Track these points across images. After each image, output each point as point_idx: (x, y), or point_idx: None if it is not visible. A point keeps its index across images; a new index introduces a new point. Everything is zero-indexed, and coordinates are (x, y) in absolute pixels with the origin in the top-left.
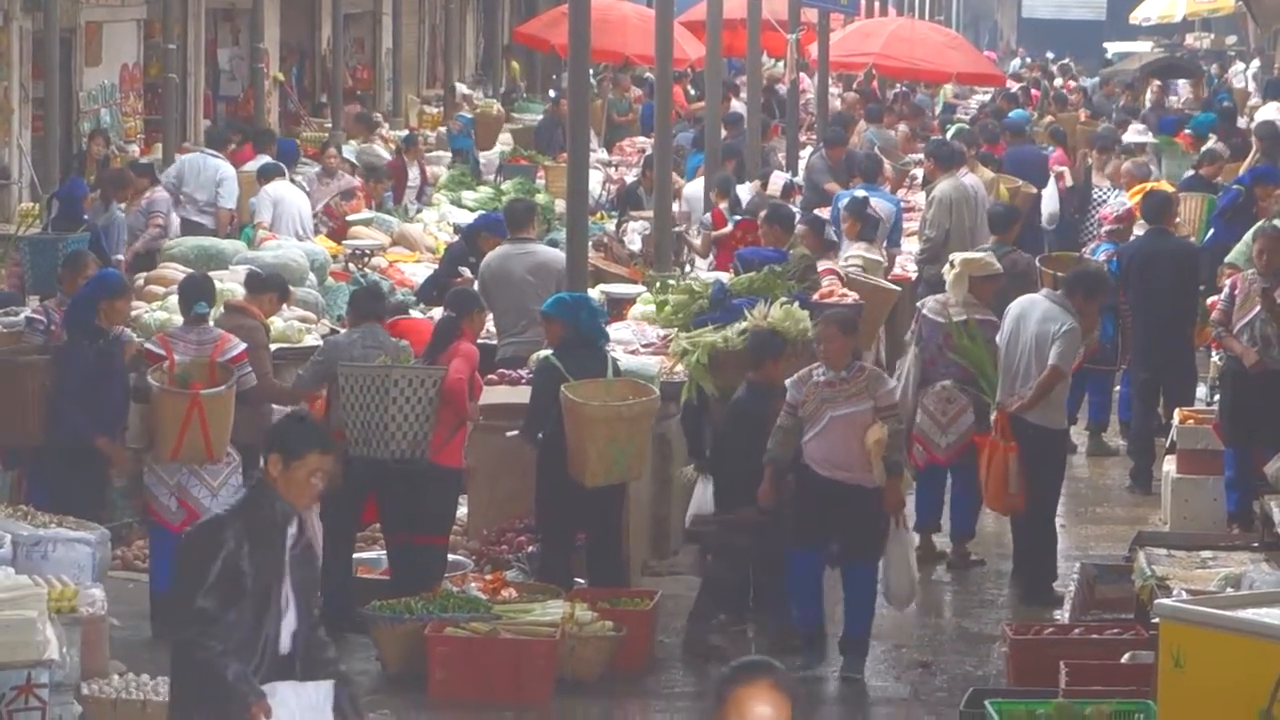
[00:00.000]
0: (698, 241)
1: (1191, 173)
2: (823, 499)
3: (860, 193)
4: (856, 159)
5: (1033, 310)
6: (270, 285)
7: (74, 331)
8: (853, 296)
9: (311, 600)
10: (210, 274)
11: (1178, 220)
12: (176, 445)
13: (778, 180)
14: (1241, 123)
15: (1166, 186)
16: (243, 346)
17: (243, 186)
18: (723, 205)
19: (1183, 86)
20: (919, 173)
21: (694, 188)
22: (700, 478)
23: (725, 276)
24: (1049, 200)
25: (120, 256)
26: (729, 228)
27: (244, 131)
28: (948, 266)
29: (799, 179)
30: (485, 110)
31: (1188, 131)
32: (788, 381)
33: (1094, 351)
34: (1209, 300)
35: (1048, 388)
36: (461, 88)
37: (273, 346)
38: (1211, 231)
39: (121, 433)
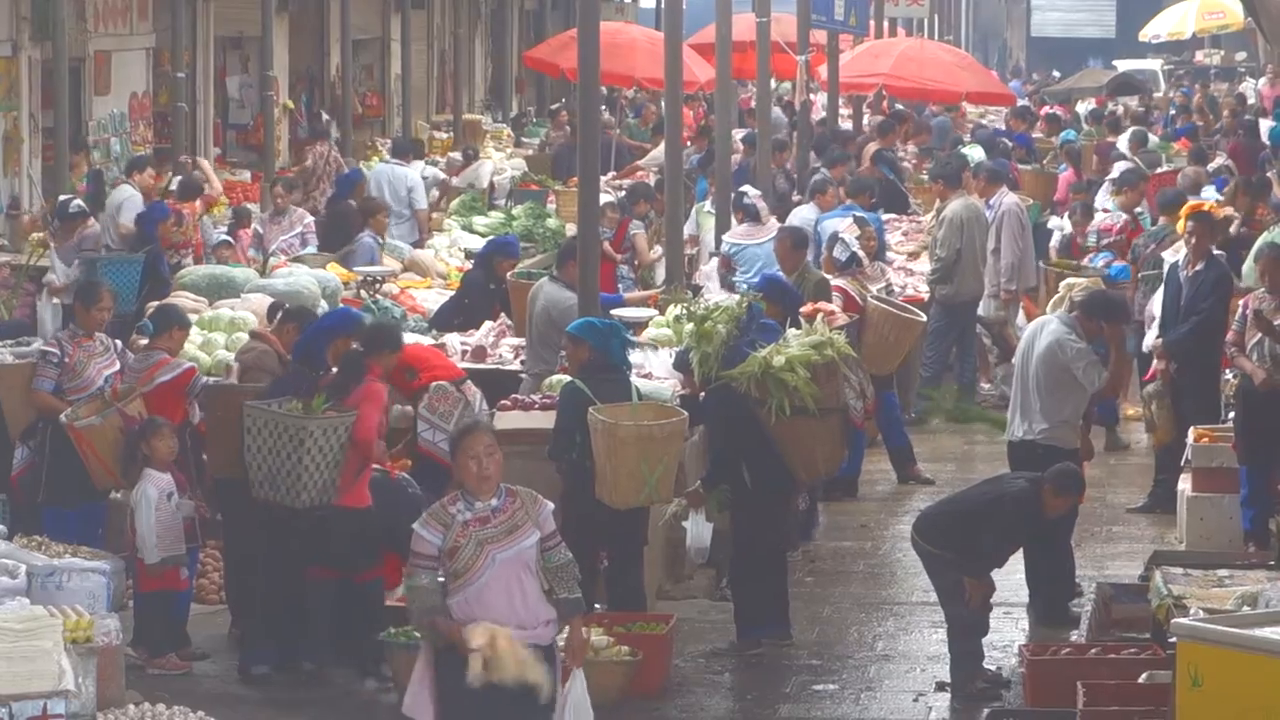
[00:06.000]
0: None
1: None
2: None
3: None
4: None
5: (1042, 331)
6: (290, 317)
7: (304, 364)
8: (843, 318)
9: None
10: (222, 301)
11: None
12: (94, 474)
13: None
14: None
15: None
16: (181, 370)
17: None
18: None
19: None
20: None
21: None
22: (694, 512)
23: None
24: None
25: None
26: None
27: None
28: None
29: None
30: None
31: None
32: (416, 525)
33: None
34: None
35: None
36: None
37: None
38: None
39: None
